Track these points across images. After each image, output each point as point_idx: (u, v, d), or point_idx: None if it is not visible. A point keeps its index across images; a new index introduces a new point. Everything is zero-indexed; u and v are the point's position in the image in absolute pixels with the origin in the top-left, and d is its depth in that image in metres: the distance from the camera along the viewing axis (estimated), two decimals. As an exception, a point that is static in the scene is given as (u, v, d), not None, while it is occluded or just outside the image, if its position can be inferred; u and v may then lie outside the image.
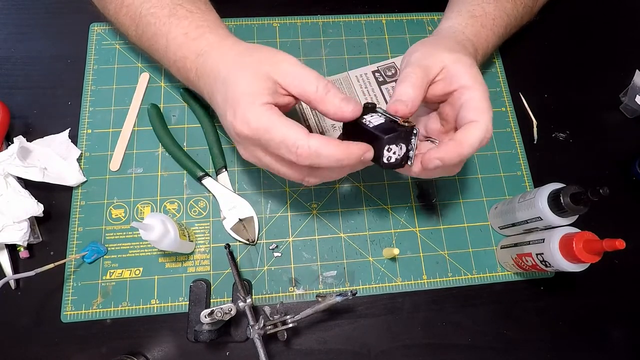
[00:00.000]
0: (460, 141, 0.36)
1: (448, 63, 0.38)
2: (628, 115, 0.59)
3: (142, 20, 0.44)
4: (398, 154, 0.36)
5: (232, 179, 0.52)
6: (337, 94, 0.35)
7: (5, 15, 0.58)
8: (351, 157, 0.34)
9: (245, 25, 0.59)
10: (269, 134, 0.34)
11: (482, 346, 0.48)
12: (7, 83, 0.54)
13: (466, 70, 0.38)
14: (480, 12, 0.47)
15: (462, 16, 0.47)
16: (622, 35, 0.64)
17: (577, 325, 0.50)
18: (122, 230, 0.49)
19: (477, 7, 0.48)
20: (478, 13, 0.47)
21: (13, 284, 0.47)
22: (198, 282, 0.46)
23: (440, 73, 0.39)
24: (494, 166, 0.55)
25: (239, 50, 0.39)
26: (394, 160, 0.36)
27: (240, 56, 0.38)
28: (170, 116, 0.54)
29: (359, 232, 0.51)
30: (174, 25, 0.42)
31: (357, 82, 0.56)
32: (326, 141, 0.33)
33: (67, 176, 0.49)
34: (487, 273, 0.51)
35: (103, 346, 0.45)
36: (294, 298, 0.48)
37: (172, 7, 0.43)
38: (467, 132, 0.36)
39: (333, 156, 0.33)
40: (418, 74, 0.37)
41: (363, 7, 0.62)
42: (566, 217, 0.41)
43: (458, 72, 0.38)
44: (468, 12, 0.47)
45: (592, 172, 0.56)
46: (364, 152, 0.35)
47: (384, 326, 0.48)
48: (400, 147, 0.36)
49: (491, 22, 0.48)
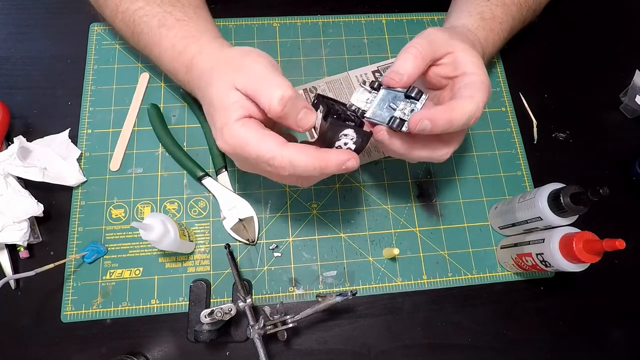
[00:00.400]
0: (452, 106, 0.35)
1: (457, 49, 0.38)
2: (628, 115, 0.59)
3: (136, 29, 0.44)
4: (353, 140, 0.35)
5: (232, 179, 0.52)
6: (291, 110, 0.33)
7: (5, 15, 0.58)
8: (329, 165, 0.33)
9: (245, 25, 0.59)
10: (245, 150, 0.34)
11: (482, 346, 0.48)
12: (7, 83, 0.54)
13: (473, 61, 0.38)
14: (490, 15, 0.48)
15: (473, 17, 0.47)
16: (622, 35, 0.64)
17: (577, 325, 0.50)
18: (122, 230, 0.49)
19: (486, 10, 0.48)
20: (488, 16, 0.47)
21: (13, 284, 0.47)
22: (198, 282, 0.46)
23: (448, 56, 0.38)
24: (494, 166, 0.55)
25: (216, 60, 0.38)
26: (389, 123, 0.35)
27: (216, 67, 0.37)
28: (170, 116, 0.54)
29: (359, 232, 0.51)
30: (163, 36, 0.42)
31: (357, 82, 0.56)
32: (300, 150, 0.33)
33: (67, 176, 0.49)
34: (487, 273, 0.51)
35: (103, 346, 0.45)
36: (294, 298, 0.48)
37: (162, 15, 0.43)
38: (460, 102, 0.36)
39: (309, 165, 0.33)
40: (423, 46, 0.37)
41: (363, 7, 0.62)
42: (566, 217, 0.41)
43: (465, 60, 0.38)
44: (479, 14, 0.47)
45: (592, 172, 0.56)
46: (343, 161, 0.34)
47: (384, 326, 0.48)
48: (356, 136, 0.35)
49: (498, 26, 0.48)
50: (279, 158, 0.33)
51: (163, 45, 0.42)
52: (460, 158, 0.55)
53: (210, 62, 0.38)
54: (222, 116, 0.34)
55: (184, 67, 0.41)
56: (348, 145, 0.36)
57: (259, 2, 0.61)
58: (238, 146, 0.34)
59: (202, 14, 0.45)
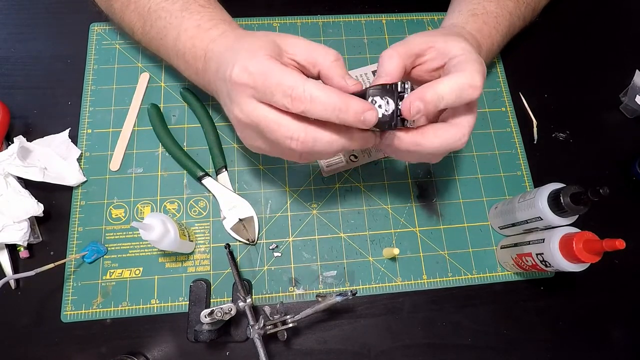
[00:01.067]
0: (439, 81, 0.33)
1: (439, 42, 0.37)
2: (628, 115, 0.59)
3: (152, 15, 0.44)
4: (386, 109, 0.34)
5: (232, 178, 0.52)
6: (342, 65, 0.36)
7: (5, 15, 0.58)
8: (349, 108, 0.31)
9: (245, 25, 0.59)
10: (266, 78, 0.32)
11: (482, 346, 0.48)
12: (7, 83, 0.54)
13: (459, 45, 0.37)
14: (482, 11, 0.47)
15: (462, 15, 0.47)
16: (622, 35, 0.64)
17: (577, 325, 0.50)
18: (122, 230, 0.49)
19: (477, 6, 0.47)
20: (479, 12, 0.47)
21: (13, 284, 0.47)
22: (198, 282, 0.46)
23: (430, 50, 0.38)
24: (494, 166, 0.55)
25: (249, 32, 0.40)
26: (381, 116, 0.34)
27: (249, 34, 0.39)
28: (170, 116, 0.54)
29: (359, 232, 0.51)
30: (186, 18, 0.42)
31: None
32: (322, 87, 0.31)
33: (67, 176, 0.49)
34: (487, 273, 0.51)
35: (103, 346, 0.45)
36: (294, 298, 0.48)
37: (185, 1, 0.43)
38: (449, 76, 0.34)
39: (329, 103, 0.31)
40: (397, 47, 0.37)
41: (363, 7, 0.62)
42: (566, 217, 0.41)
43: (449, 47, 0.37)
44: (469, 11, 0.47)
45: (592, 172, 0.56)
46: (365, 109, 0.32)
47: (384, 326, 0.48)
48: (387, 102, 0.34)
49: (494, 20, 0.48)
50: (300, 88, 0.31)
51: (184, 25, 0.42)
52: (460, 158, 0.55)
53: (249, 32, 0.40)
54: (250, 51, 0.34)
55: (206, 41, 0.40)
56: (382, 109, 0.34)
57: (259, 2, 0.61)
58: (260, 73, 0.32)
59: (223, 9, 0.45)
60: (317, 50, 0.36)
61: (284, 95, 0.31)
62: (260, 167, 0.53)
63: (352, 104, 0.31)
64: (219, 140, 0.52)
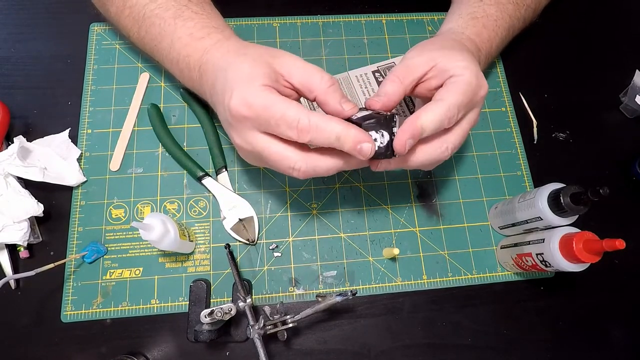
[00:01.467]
0: (417, 115, 0.35)
1: (438, 60, 0.38)
2: (628, 115, 0.59)
3: (146, 22, 0.44)
4: (381, 142, 0.36)
5: (232, 178, 0.52)
6: (338, 89, 0.36)
7: (5, 15, 0.58)
8: (349, 136, 0.33)
9: (245, 25, 0.59)
10: (269, 111, 0.33)
11: (482, 346, 0.48)
12: (7, 83, 0.54)
13: (458, 64, 0.38)
14: (482, 14, 0.47)
15: (462, 18, 0.47)
16: (622, 35, 0.64)
17: (577, 325, 0.50)
18: (122, 230, 0.49)
19: (478, 10, 0.48)
20: (479, 15, 0.47)
21: (13, 284, 0.47)
22: (198, 282, 0.46)
23: (431, 70, 0.39)
24: (494, 166, 0.55)
25: (242, 44, 0.40)
26: (377, 148, 0.36)
27: (244, 48, 0.38)
28: (170, 116, 0.54)
29: (359, 232, 0.51)
30: (179, 26, 0.42)
31: (357, 82, 0.56)
32: (327, 117, 0.34)
33: (67, 176, 0.49)
34: (487, 273, 0.51)
35: (103, 346, 0.45)
36: (294, 298, 0.48)
37: (177, 8, 0.43)
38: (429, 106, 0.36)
39: (333, 131, 0.33)
40: (398, 72, 0.39)
41: (363, 7, 0.62)
42: (566, 217, 0.41)
43: (448, 66, 0.38)
44: (469, 15, 0.47)
45: (592, 172, 0.56)
46: (363, 140, 0.34)
47: (384, 326, 0.48)
48: (382, 135, 0.36)
49: (493, 23, 0.48)
50: (305, 120, 0.33)
51: (177, 33, 0.42)
52: (460, 158, 0.55)
53: (242, 44, 0.39)
54: (246, 81, 0.34)
55: (199, 51, 0.40)
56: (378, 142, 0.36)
57: (259, 2, 0.61)
58: (260, 106, 0.33)
59: (218, 14, 0.45)
60: (314, 76, 0.36)
61: (289, 127, 0.33)
62: (260, 167, 0.53)
63: (351, 134, 0.33)
64: (219, 140, 0.52)
